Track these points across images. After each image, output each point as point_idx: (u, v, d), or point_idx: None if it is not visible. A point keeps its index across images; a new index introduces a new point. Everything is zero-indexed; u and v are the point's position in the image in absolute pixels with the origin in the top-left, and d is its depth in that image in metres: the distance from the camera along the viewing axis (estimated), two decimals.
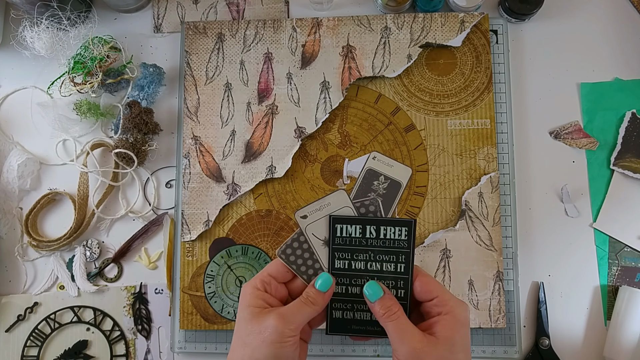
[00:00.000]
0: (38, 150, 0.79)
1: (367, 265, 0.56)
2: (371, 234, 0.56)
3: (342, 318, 0.58)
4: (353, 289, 0.57)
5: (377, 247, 0.56)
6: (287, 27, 0.76)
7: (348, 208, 0.57)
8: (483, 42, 0.74)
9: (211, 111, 0.75)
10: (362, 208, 0.57)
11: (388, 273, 0.56)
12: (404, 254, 0.56)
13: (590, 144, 0.74)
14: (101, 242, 0.76)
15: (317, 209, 0.56)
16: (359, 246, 0.56)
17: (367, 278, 0.56)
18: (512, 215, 0.72)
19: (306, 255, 0.56)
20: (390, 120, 0.74)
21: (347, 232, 0.56)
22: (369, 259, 0.56)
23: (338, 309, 0.57)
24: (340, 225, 0.56)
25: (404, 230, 0.56)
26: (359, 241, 0.56)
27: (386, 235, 0.56)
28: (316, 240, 0.56)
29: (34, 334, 0.74)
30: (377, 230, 0.56)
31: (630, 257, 0.72)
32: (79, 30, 0.75)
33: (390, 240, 0.56)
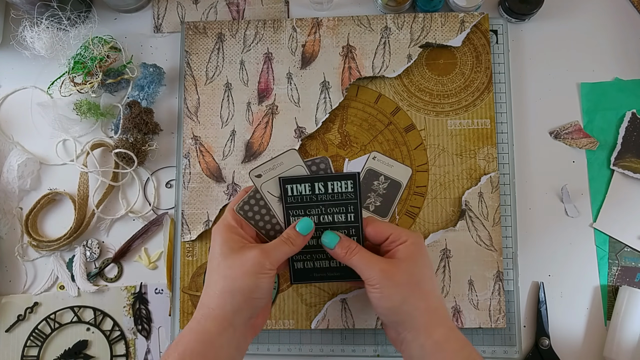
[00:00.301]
0: (38, 150, 0.79)
1: (320, 219, 0.61)
2: (320, 190, 0.60)
3: (303, 268, 0.63)
4: (310, 241, 0.61)
5: (327, 202, 0.60)
6: (287, 27, 0.76)
7: (300, 167, 0.60)
8: (483, 42, 0.74)
9: (211, 111, 0.75)
10: (313, 166, 0.61)
11: (340, 223, 0.61)
12: (352, 204, 0.60)
13: (590, 144, 0.74)
14: (101, 242, 0.76)
15: (270, 168, 0.60)
16: (310, 202, 0.60)
17: (322, 230, 0.61)
18: (512, 215, 0.72)
19: (263, 212, 0.60)
20: (390, 120, 0.74)
21: (297, 191, 0.60)
22: (321, 212, 0.61)
23: (299, 260, 0.63)
24: (290, 185, 0.60)
25: (349, 183, 0.60)
26: (309, 198, 0.60)
27: (334, 190, 0.60)
28: (271, 197, 0.60)
29: (34, 334, 0.74)
30: (325, 186, 0.60)
31: (630, 257, 0.72)
32: (79, 30, 0.75)
33: (338, 194, 0.60)
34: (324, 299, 0.71)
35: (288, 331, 0.72)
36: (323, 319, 0.71)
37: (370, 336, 0.71)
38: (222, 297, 0.54)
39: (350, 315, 0.71)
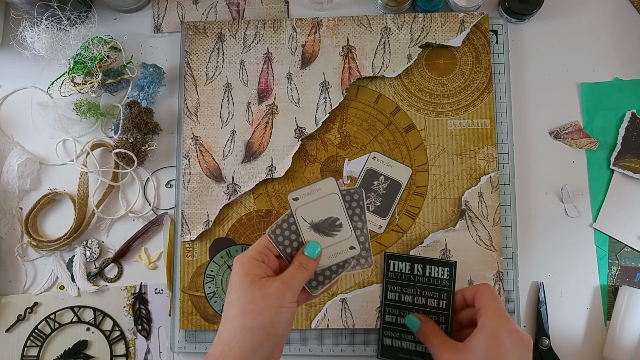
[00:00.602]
0: (38, 150, 0.79)
1: (414, 299, 0.66)
2: (418, 272, 0.66)
3: (391, 345, 0.68)
4: (402, 320, 0.66)
5: (423, 284, 0.66)
6: (287, 27, 0.76)
7: (336, 195, 0.58)
8: (483, 42, 0.74)
9: (211, 111, 0.75)
10: (347, 196, 0.59)
11: (431, 308, 0.65)
12: (446, 292, 0.65)
13: (590, 144, 0.74)
14: (101, 242, 0.76)
15: (308, 193, 0.58)
16: (408, 281, 0.66)
17: (414, 310, 0.66)
18: (512, 215, 0.72)
19: (292, 237, 0.57)
20: (390, 120, 0.74)
21: (398, 268, 0.67)
22: (416, 293, 0.66)
23: (388, 337, 0.67)
24: (393, 261, 0.67)
25: (446, 271, 0.66)
26: (407, 277, 0.67)
27: (431, 274, 0.66)
28: (303, 223, 0.58)
29: (34, 334, 0.74)
30: (424, 268, 0.66)
31: (630, 257, 0.72)
32: (79, 30, 0.75)
33: (434, 279, 0.66)
34: (323, 299, 0.71)
35: None
36: (323, 319, 0.71)
37: (370, 336, 0.71)
38: (243, 334, 0.51)
39: (350, 315, 0.70)
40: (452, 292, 0.64)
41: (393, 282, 0.66)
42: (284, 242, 0.57)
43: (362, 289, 0.71)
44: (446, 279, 0.65)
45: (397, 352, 0.67)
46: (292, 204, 0.58)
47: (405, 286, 0.66)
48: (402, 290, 0.66)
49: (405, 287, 0.66)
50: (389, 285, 0.66)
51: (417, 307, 0.66)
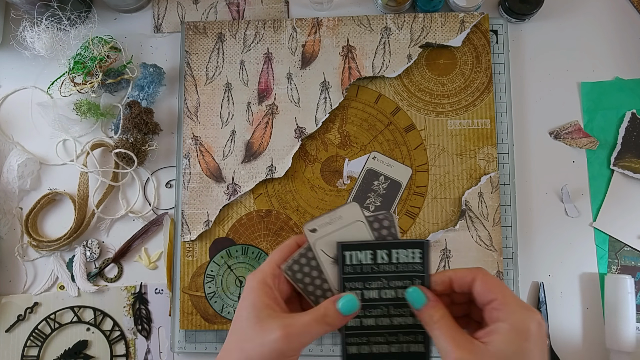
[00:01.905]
0: (38, 150, 0.79)
1: (380, 294, 0.51)
2: (383, 259, 0.51)
3: (358, 354, 0.52)
4: (367, 321, 0.51)
5: (390, 273, 0.51)
6: (287, 27, 0.76)
7: (361, 223, 0.51)
8: (483, 42, 0.74)
9: (211, 111, 0.75)
10: (376, 223, 0.51)
11: (403, 301, 0.50)
12: (419, 279, 0.50)
13: (590, 143, 0.74)
14: (101, 242, 0.76)
15: (327, 222, 0.51)
16: (371, 273, 0.51)
17: (381, 307, 0.51)
18: (512, 215, 0.72)
19: (314, 274, 0.51)
20: (390, 120, 0.74)
21: (357, 259, 0.51)
22: (382, 286, 0.51)
23: (353, 344, 0.51)
24: (350, 252, 0.51)
25: (417, 253, 0.50)
26: (370, 268, 0.51)
27: (399, 259, 0.51)
28: (325, 257, 0.51)
29: (34, 334, 0.74)
30: (389, 254, 0.51)
31: (630, 256, 0.72)
32: (79, 30, 0.75)
33: (404, 265, 0.51)
34: None
35: None
36: None
37: None
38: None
39: None
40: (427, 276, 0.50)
41: (352, 279, 0.50)
42: (303, 279, 0.50)
43: None
44: (418, 262, 0.50)
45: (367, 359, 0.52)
46: (310, 236, 0.51)
47: (368, 280, 0.51)
48: (364, 286, 0.51)
49: (368, 281, 0.51)
50: (346, 283, 0.50)
51: (385, 303, 0.51)
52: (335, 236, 0.51)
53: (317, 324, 0.46)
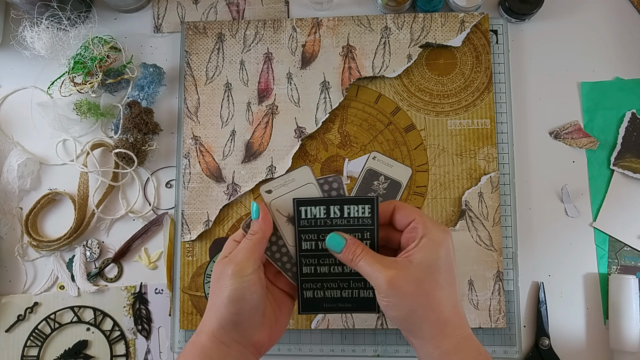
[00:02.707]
0: (38, 150, 0.79)
1: None
2: (335, 214, 0.56)
3: (313, 297, 0.58)
4: (321, 269, 0.57)
5: (342, 226, 0.56)
6: (287, 27, 0.76)
7: (312, 185, 0.57)
8: (483, 42, 0.74)
9: (211, 111, 0.75)
10: (326, 185, 0.57)
11: None
12: (369, 231, 0.56)
13: (590, 143, 0.74)
14: (101, 242, 0.76)
15: (281, 184, 0.57)
16: (324, 226, 0.56)
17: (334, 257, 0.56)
18: (512, 215, 0.72)
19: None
20: (390, 120, 0.74)
21: (311, 214, 0.56)
22: None
23: (309, 289, 0.58)
24: (305, 207, 0.56)
25: (367, 208, 0.56)
26: (323, 221, 0.56)
27: (350, 214, 0.56)
28: (280, 217, 0.57)
29: (34, 334, 0.74)
30: (341, 209, 0.56)
31: (630, 256, 0.72)
32: (79, 30, 0.75)
33: (355, 219, 0.56)
34: None
35: (288, 331, 0.72)
36: (323, 319, 0.71)
37: (370, 336, 0.71)
38: (211, 312, 0.54)
39: (350, 315, 0.71)
40: (376, 229, 0.55)
41: (307, 231, 0.56)
42: None
43: None
44: (367, 217, 0.55)
45: (320, 302, 0.58)
46: (265, 197, 0.57)
47: (322, 232, 0.56)
48: (318, 237, 0.56)
49: (322, 234, 0.56)
50: (302, 235, 0.56)
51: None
52: (288, 197, 0.56)
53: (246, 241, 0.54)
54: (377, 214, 0.55)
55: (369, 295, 0.58)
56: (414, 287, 0.50)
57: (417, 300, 0.50)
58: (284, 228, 0.57)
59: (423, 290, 0.51)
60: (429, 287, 0.51)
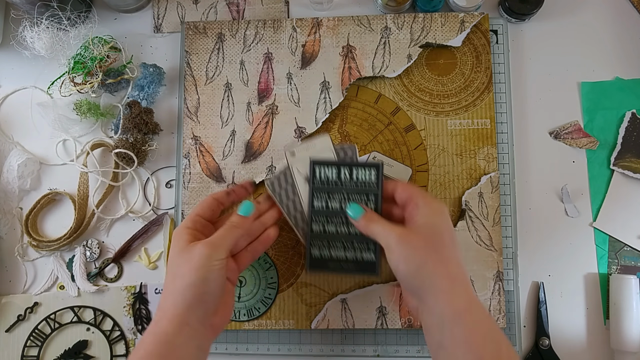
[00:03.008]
0: (38, 150, 0.79)
1: (341, 205, 0.63)
2: (345, 176, 0.63)
3: (319, 256, 0.64)
4: (329, 227, 0.63)
5: (350, 188, 0.62)
6: (287, 27, 0.76)
7: (330, 150, 0.65)
8: (483, 42, 0.74)
9: (211, 111, 0.75)
10: (342, 152, 0.65)
11: None
12: (374, 194, 0.62)
13: (590, 143, 0.74)
14: (101, 242, 0.76)
15: (304, 149, 0.65)
16: (335, 187, 0.63)
17: (342, 217, 0.63)
18: (512, 215, 0.72)
19: (289, 189, 0.64)
20: (390, 120, 0.74)
21: (324, 175, 0.63)
22: (343, 198, 0.63)
23: (316, 247, 0.64)
24: (319, 167, 0.63)
25: (373, 173, 0.62)
26: (334, 182, 0.63)
27: (358, 177, 0.62)
28: (299, 176, 0.64)
29: (34, 334, 0.74)
30: (350, 172, 0.62)
31: (630, 256, 0.72)
32: (79, 30, 0.75)
33: (362, 183, 0.62)
34: (324, 299, 0.71)
35: (288, 331, 0.72)
36: (323, 319, 0.71)
37: (370, 336, 0.71)
38: (173, 296, 0.55)
39: (350, 315, 0.71)
40: (380, 194, 0.61)
41: (320, 189, 0.63)
42: (280, 192, 0.64)
43: (362, 289, 0.71)
44: (374, 181, 0.62)
45: (326, 262, 0.64)
46: (290, 158, 0.64)
47: (332, 192, 0.63)
48: (328, 197, 0.63)
49: (332, 193, 0.63)
50: (315, 193, 0.63)
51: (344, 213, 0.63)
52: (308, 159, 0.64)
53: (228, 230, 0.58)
54: (381, 179, 0.62)
55: (372, 257, 0.62)
56: (423, 242, 0.54)
57: (426, 253, 0.54)
58: (301, 187, 0.64)
59: (431, 244, 0.54)
60: (436, 243, 0.55)
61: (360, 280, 0.71)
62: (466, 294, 0.53)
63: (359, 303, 0.71)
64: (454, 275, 0.54)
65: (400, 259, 0.54)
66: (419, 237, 0.55)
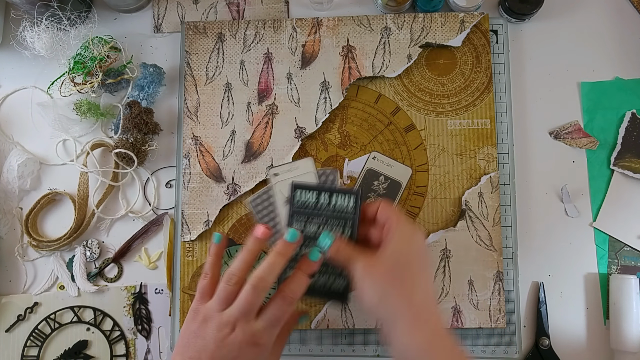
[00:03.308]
0: (38, 150, 0.79)
1: (318, 229, 0.61)
2: (325, 200, 0.62)
3: None
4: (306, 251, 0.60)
5: (328, 213, 0.61)
6: (287, 27, 0.76)
7: (312, 174, 0.68)
8: (483, 42, 0.74)
9: (211, 111, 0.75)
10: (323, 176, 0.68)
11: None
12: (351, 220, 0.61)
13: (590, 143, 0.74)
14: (101, 242, 0.76)
15: (287, 170, 0.69)
16: (313, 211, 0.61)
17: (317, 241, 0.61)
18: (512, 215, 0.72)
19: (270, 208, 0.68)
20: (390, 120, 0.74)
21: (304, 197, 0.62)
22: (321, 222, 0.61)
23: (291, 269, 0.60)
24: (300, 190, 0.62)
25: (351, 200, 0.61)
26: (313, 206, 0.62)
27: (337, 203, 0.61)
28: (281, 196, 0.68)
29: (34, 334, 0.74)
30: (330, 197, 0.61)
31: (630, 256, 0.72)
32: (79, 30, 0.75)
33: (340, 208, 0.61)
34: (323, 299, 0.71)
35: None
36: (323, 319, 0.71)
37: (370, 336, 0.71)
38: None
39: (350, 315, 0.71)
40: (357, 221, 0.61)
41: (299, 212, 0.62)
42: (262, 211, 0.68)
43: None
44: (351, 207, 0.61)
45: None
46: (273, 178, 0.69)
47: (311, 215, 0.62)
48: (307, 220, 0.62)
49: (311, 217, 0.62)
50: (294, 215, 0.62)
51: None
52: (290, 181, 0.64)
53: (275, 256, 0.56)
54: (359, 206, 0.60)
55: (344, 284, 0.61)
56: (387, 271, 0.53)
57: (389, 282, 0.53)
58: (281, 209, 0.68)
59: (395, 274, 0.53)
60: (401, 272, 0.54)
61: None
62: (430, 328, 0.52)
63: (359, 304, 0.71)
64: (417, 308, 0.53)
65: (363, 290, 0.54)
66: (383, 267, 0.54)
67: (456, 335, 0.70)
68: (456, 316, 0.70)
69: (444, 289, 0.70)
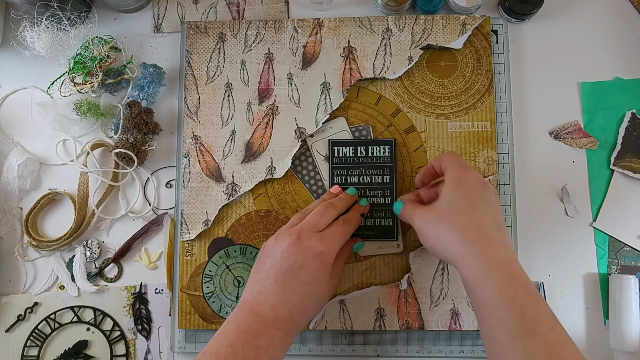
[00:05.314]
0: (38, 150, 0.79)
1: (359, 179, 0.71)
2: (362, 153, 0.71)
3: None
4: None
5: (366, 164, 0.71)
6: (289, 27, 0.76)
7: (346, 131, 0.72)
8: (484, 44, 0.74)
9: (211, 111, 0.75)
10: (357, 132, 0.72)
11: (377, 184, 0.71)
12: (388, 167, 0.70)
13: (590, 143, 0.74)
14: (101, 242, 0.76)
15: (322, 131, 0.73)
16: (353, 164, 0.71)
17: (360, 190, 0.70)
18: (512, 215, 0.72)
19: (310, 167, 0.72)
20: (391, 121, 0.74)
21: (342, 153, 0.71)
22: (361, 173, 0.71)
23: None
24: (337, 147, 0.71)
25: (387, 148, 0.71)
26: (352, 160, 0.71)
27: (373, 153, 0.71)
28: (318, 155, 0.72)
29: (34, 334, 0.74)
30: (366, 149, 0.71)
31: (630, 256, 0.72)
32: (79, 30, 0.75)
33: (377, 158, 0.71)
34: None
35: None
36: (321, 320, 0.71)
37: (370, 336, 0.71)
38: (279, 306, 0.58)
39: (348, 316, 0.71)
40: (394, 167, 0.70)
41: (338, 167, 0.71)
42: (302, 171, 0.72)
43: (360, 291, 0.71)
44: (387, 156, 0.70)
45: None
46: (308, 140, 0.73)
47: (350, 168, 0.70)
48: (347, 173, 0.70)
49: (351, 170, 0.70)
50: (335, 170, 0.71)
51: (363, 186, 0.70)
52: (326, 140, 0.72)
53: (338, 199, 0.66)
54: (395, 153, 0.70)
55: (389, 224, 0.70)
56: (437, 216, 0.58)
57: (439, 225, 0.57)
58: (321, 166, 0.72)
59: (444, 217, 0.57)
60: (449, 214, 0.57)
61: (359, 282, 0.71)
62: (486, 258, 0.53)
63: (357, 304, 0.71)
64: (469, 241, 0.55)
65: (421, 237, 0.59)
66: (433, 212, 0.58)
67: (455, 336, 0.70)
68: (454, 319, 0.70)
69: (442, 292, 0.70)
